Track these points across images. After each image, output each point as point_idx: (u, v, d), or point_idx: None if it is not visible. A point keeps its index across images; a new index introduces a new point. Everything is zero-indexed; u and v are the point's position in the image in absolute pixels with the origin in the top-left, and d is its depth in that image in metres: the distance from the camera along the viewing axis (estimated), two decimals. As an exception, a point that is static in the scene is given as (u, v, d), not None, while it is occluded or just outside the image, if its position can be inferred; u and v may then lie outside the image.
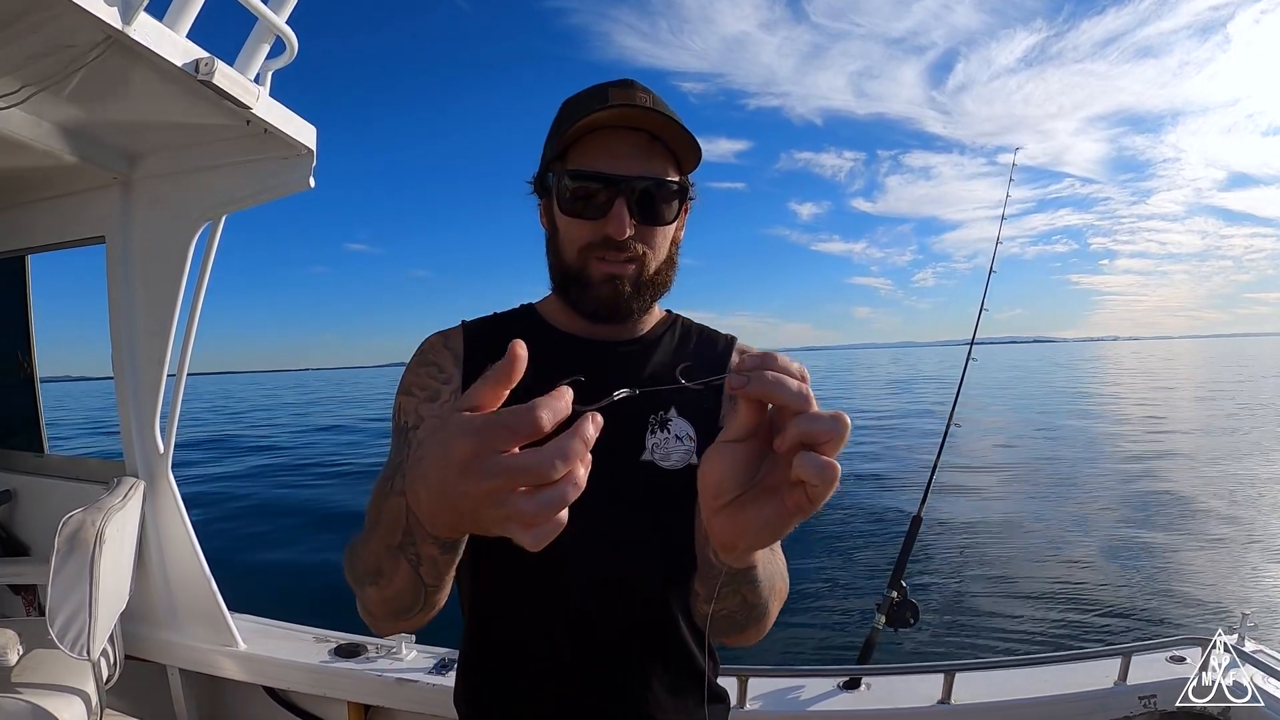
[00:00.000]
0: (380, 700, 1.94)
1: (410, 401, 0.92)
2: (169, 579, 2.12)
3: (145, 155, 1.97)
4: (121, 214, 2.00)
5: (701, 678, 0.96)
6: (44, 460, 2.50)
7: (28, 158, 1.86)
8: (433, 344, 0.98)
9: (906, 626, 1.89)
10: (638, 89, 0.88)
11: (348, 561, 0.81)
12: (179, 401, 2.01)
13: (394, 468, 0.87)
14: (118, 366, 2.02)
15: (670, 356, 0.99)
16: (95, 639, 1.69)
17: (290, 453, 17.77)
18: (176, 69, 1.37)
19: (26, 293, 2.42)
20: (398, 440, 0.91)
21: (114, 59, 1.37)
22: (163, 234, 1.96)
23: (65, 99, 1.63)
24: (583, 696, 0.90)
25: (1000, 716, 1.79)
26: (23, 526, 2.45)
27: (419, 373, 0.95)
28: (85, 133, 1.84)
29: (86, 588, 1.65)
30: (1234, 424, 20.23)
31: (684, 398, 0.94)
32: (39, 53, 1.40)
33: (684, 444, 0.91)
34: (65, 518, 1.66)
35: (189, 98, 1.56)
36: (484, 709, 0.96)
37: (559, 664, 0.89)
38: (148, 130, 1.85)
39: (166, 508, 2.06)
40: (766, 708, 1.76)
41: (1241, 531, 8.54)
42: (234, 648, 2.08)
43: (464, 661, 1.00)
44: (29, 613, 2.42)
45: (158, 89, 1.53)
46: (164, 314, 1.94)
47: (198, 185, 1.90)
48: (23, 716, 1.60)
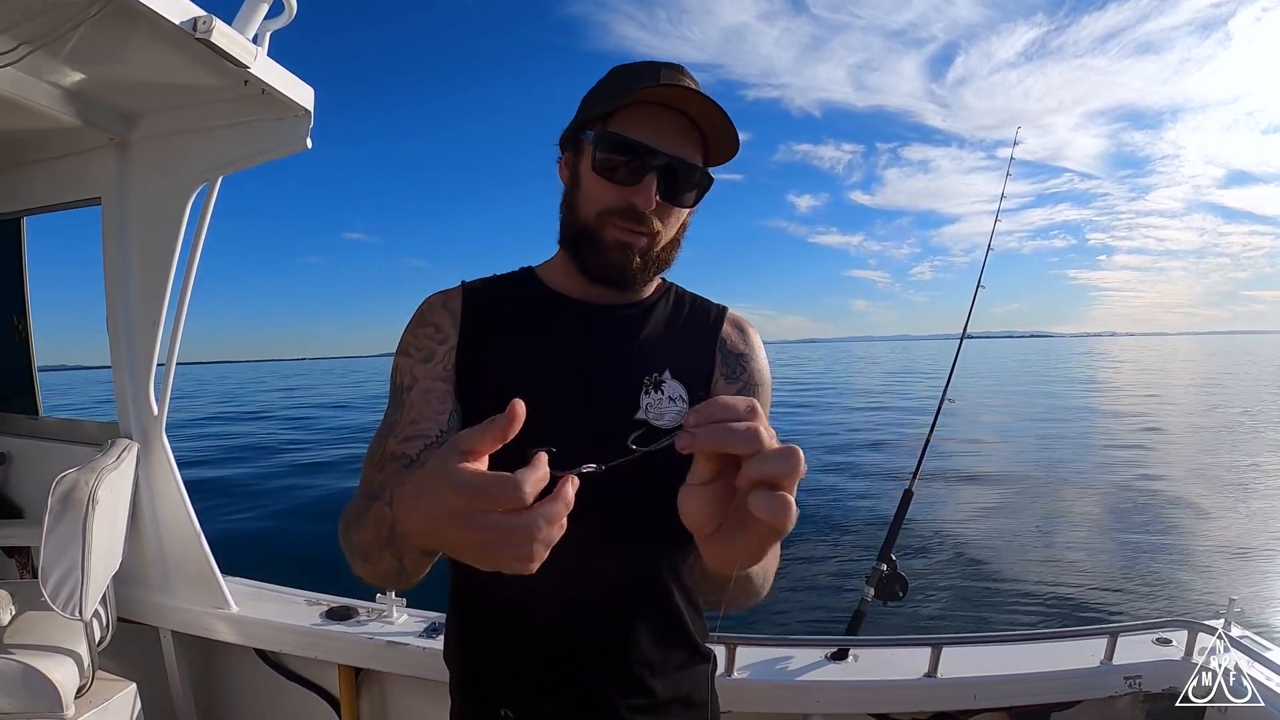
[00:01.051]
0: (371, 663, 1.95)
1: (407, 362, 0.95)
2: (161, 541, 2.13)
3: (142, 116, 1.96)
4: (118, 175, 1.99)
5: (688, 636, 0.98)
6: (38, 423, 2.50)
7: (23, 119, 1.85)
8: (431, 304, 0.99)
9: (895, 599, 1.91)
10: (688, 75, 0.92)
11: (342, 531, 0.84)
12: (173, 363, 2.01)
13: (389, 426, 0.91)
14: (112, 327, 2.02)
15: (664, 324, 1.01)
16: (87, 600, 1.70)
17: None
18: (175, 27, 1.36)
19: (22, 256, 2.42)
20: (394, 399, 0.94)
21: (112, 17, 1.37)
22: (159, 195, 1.95)
23: (62, 59, 1.63)
24: (569, 651, 0.91)
25: (986, 691, 1.81)
26: (16, 489, 2.46)
27: (417, 333, 0.97)
28: (82, 93, 1.83)
29: (79, 548, 1.66)
30: (1225, 416, 20.47)
31: (679, 358, 0.96)
32: (37, 9, 1.39)
33: (677, 404, 0.93)
34: (59, 478, 1.67)
35: (186, 57, 1.55)
36: (472, 663, 0.98)
37: (547, 620, 0.90)
38: (145, 91, 1.84)
39: (160, 469, 2.07)
40: (754, 676, 1.78)
41: (1232, 519, 8.71)
42: (226, 610, 2.09)
43: (452, 618, 1.02)
44: (22, 575, 2.43)
45: (155, 48, 1.53)
46: (160, 275, 1.94)
47: (195, 146, 1.89)
48: (14, 677, 1.61)
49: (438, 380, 0.93)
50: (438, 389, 0.93)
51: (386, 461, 0.89)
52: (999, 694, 1.82)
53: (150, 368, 2.01)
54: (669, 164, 0.87)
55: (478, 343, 0.96)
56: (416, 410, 0.91)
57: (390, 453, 0.89)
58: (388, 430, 0.91)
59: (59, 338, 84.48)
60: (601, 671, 0.93)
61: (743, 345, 1.04)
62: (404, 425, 0.90)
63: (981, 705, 1.83)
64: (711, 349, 1.02)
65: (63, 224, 2.42)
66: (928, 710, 1.85)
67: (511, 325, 0.97)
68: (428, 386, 0.93)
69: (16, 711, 1.61)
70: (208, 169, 1.88)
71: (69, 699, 1.65)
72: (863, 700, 1.82)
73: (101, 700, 1.76)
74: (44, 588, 1.66)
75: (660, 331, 1.00)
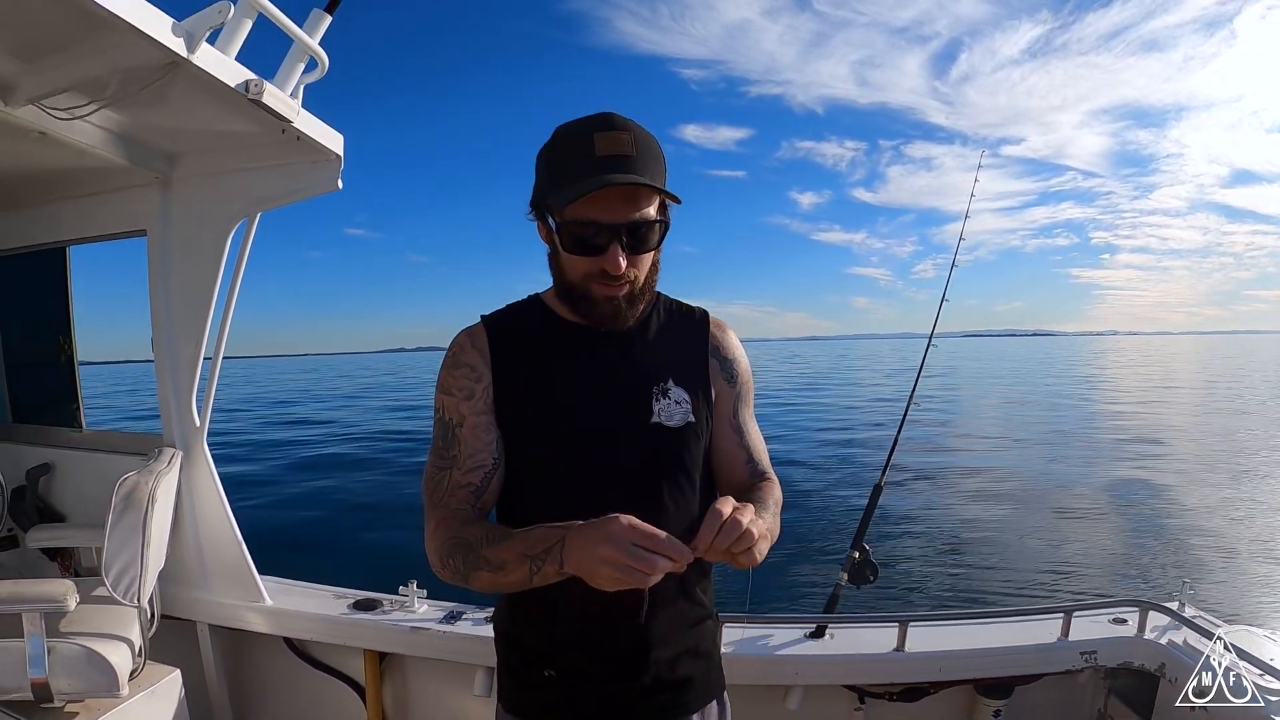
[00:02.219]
0: (396, 648, 2.15)
1: (451, 400, 1.15)
2: (201, 542, 2.32)
3: (184, 156, 2.15)
4: (161, 210, 2.19)
5: (696, 598, 1.22)
6: (82, 435, 2.70)
7: (74, 157, 2.03)
8: (462, 345, 1.18)
9: (866, 583, 2.09)
10: (620, 134, 1.01)
11: (446, 552, 1.06)
12: (215, 379, 2.21)
13: (449, 459, 1.13)
14: (157, 348, 2.22)
15: (660, 336, 1.22)
16: (144, 589, 1.91)
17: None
18: (229, 89, 1.56)
19: (67, 281, 2.62)
20: (443, 433, 1.15)
21: (174, 80, 1.56)
22: (201, 229, 2.14)
23: (118, 109, 1.81)
24: (600, 617, 1.11)
25: (950, 664, 1.98)
26: (59, 497, 2.65)
27: (455, 374, 1.16)
28: (130, 137, 2.01)
29: (139, 542, 1.86)
30: (1209, 413, 20.83)
31: (678, 366, 1.19)
32: (107, 73, 1.58)
33: (682, 407, 1.16)
34: (122, 479, 1.87)
35: (230, 108, 1.73)
36: (522, 633, 1.21)
37: (582, 593, 1.01)
38: (188, 136, 2.03)
39: (201, 476, 2.27)
40: (738, 652, 1.96)
41: (1193, 506, 9.13)
42: (261, 603, 2.28)
43: (504, 597, 1.24)
44: (65, 575, 2.61)
45: (206, 103, 1.71)
46: (201, 301, 2.14)
47: (234, 185, 2.09)
48: (79, 659, 1.78)
49: (481, 415, 1.13)
50: (482, 423, 1.13)
51: (456, 489, 1.11)
52: (962, 667, 1.99)
53: (193, 384, 2.21)
54: (627, 227, 1.03)
55: (507, 375, 1.15)
56: (470, 446, 1.12)
57: (458, 483, 1.12)
58: (448, 463, 1.13)
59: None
60: (627, 633, 1.14)
61: (732, 350, 1.26)
62: (464, 459, 1.12)
63: (947, 677, 2.00)
64: (703, 353, 1.23)
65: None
66: (899, 682, 2.02)
67: (534, 355, 1.16)
68: (475, 422, 1.13)
69: (79, 691, 1.79)
70: (246, 206, 2.08)
71: (124, 680, 1.82)
72: (838, 673, 2.01)
73: (149, 684, 1.95)
74: (106, 577, 1.85)
75: (659, 344, 1.20)
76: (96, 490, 2.45)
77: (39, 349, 2.80)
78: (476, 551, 1.02)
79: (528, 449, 1.14)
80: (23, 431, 2.78)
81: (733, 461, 1.24)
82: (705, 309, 1.28)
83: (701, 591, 1.23)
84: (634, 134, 1.02)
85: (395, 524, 8.44)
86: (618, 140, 1.01)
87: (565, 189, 1.02)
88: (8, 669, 1.73)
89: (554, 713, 1.18)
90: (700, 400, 1.18)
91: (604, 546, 0.88)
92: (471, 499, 1.11)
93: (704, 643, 1.24)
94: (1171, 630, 1.98)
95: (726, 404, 1.24)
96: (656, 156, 1.05)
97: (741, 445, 1.25)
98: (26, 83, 1.64)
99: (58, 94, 1.66)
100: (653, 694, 1.17)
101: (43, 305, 2.74)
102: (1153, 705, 1.93)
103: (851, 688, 2.05)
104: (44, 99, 1.68)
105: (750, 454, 1.25)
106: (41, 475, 2.60)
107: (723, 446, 1.24)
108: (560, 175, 1.04)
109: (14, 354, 2.84)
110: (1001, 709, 2.04)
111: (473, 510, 1.11)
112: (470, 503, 1.11)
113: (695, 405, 1.17)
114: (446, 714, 2.26)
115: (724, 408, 1.24)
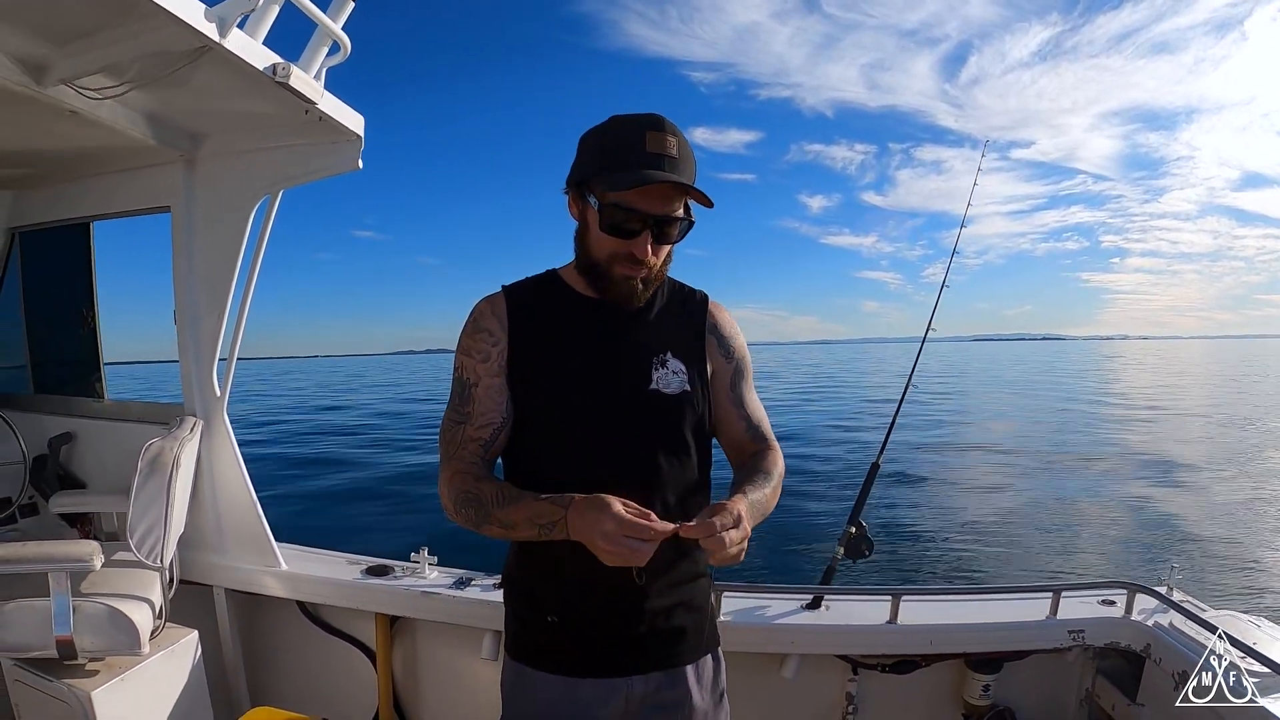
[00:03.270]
0: (406, 611, 2.23)
1: (469, 361, 1.26)
2: (219, 508, 2.39)
3: (209, 136, 2.22)
4: (185, 187, 2.26)
5: (690, 556, 1.30)
6: (103, 405, 2.77)
7: (101, 135, 2.09)
8: (482, 311, 1.28)
9: (862, 557, 2.15)
10: (668, 136, 1.14)
11: (459, 497, 1.18)
12: (235, 353, 2.28)
13: (463, 415, 1.24)
14: (180, 320, 2.29)
15: (663, 313, 1.32)
16: (167, 550, 1.97)
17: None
18: (258, 72, 1.62)
19: (90, 255, 2.71)
20: (460, 390, 1.26)
21: (204, 62, 1.62)
22: (224, 206, 2.21)
23: (146, 90, 1.86)
24: (600, 571, 1.14)
25: (941, 638, 2.04)
26: (80, 465, 2.72)
27: (474, 338, 1.26)
28: (157, 116, 2.07)
29: (163, 505, 1.93)
30: (1201, 409, 20.97)
31: (677, 341, 1.30)
32: (138, 56, 1.64)
33: (679, 376, 1.27)
34: (148, 443, 1.95)
35: (255, 90, 1.78)
36: (529, 584, 1.31)
37: (585, 550, 1.09)
38: (213, 116, 2.10)
39: (221, 445, 2.34)
40: (738, 620, 2.03)
41: (1181, 495, 9.27)
42: (276, 568, 2.36)
43: (514, 553, 1.34)
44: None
45: (233, 85, 1.77)
46: (224, 275, 2.21)
47: (257, 163, 2.15)
48: (102, 617, 1.84)
49: (494, 377, 1.25)
50: (496, 384, 1.25)
51: (467, 442, 1.23)
52: (953, 641, 2.06)
53: (214, 355, 2.28)
54: (659, 219, 1.15)
55: (522, 342, 1.25)
56: (483, 404, 1.24)
57: (470, 437, 1.24)
58: (462, 418, 1.25)
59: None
60: (625, 586, 1.22)
61: (728, 329, 1.37)
62: (476, 416, 1.24)
63: (938, 650, 2.06)
64: (701, 331, 1.34)
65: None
66: (891, 654, 2.09)
67: (548, 324, 1.26)
68: (489, 384, 1.24)
69: (102, 649, 1.85)
70: (268, 184, 2.14)
71: (145, 639, 1.89)
72: (833, 643, 2.08)
73: (169, 644, 2.02)
74: (130, 538, 1.92)
75: (661, 321, 1.30)
76: (117, 459, 2.53)
77: (63, 321, 2.89)
78: (487, 511, 1.15)
79: (539, 411, 1.24)
80: (45, 402, 2.86)
81: (734, 430, 1.35)
82: (705, 292, 1.38)
83: (696, 550, 1.30)
84: (678, 139, 1.15)
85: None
86: (665, 142, 1.13)
87: (615, 174, 1.13)
88: (34, 627, 1.79)
89: (555, 657, 1.27)
90: (696, 373, 1.29)
91: (599, 539, 1.02)
92: (481, 451, 1.24)
93: (698, 598, 1.33)
94: (1159, 613, 2.03)
95: (724, 377, 1.35)
96: (692, 161, 1.16)
97: (741, 415, 1.35)
98: (60, 65, 1.70)
99: (89, 75, 1.73)
100: (647, 642, 1.27)
101: (67, 279, 2.81)
102: (1138, 685, 1.98)
103: (845, 658, 2.12)
104: (76, 80, 1.74)
105: (749, 422, 1.35)
106: (63, 444, 2.68)
107: (724, 416, 1.34)
108: (611, 161, 1.15)
109: (38, 326, 2.92)
110: (991, 684, 2.10)
111: (482, 462, 1.23)
112: (480, 455, 1.23)
113: (691, 377, 1.28)
114: (454, 677, 2.33)
115: (722, 381, 1.35)
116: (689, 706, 1.29)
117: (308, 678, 2.51)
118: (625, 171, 1.12)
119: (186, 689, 2.04)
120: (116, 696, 1.83)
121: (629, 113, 1.16)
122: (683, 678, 1.29)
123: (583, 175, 1.20)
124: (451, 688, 2.35)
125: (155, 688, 1.97)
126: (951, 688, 2.19)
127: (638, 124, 1.14)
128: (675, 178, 1.12)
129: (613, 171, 1.13)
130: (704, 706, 1.31)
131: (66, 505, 2.56)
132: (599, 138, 1.18)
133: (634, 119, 1.15)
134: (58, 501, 2.54)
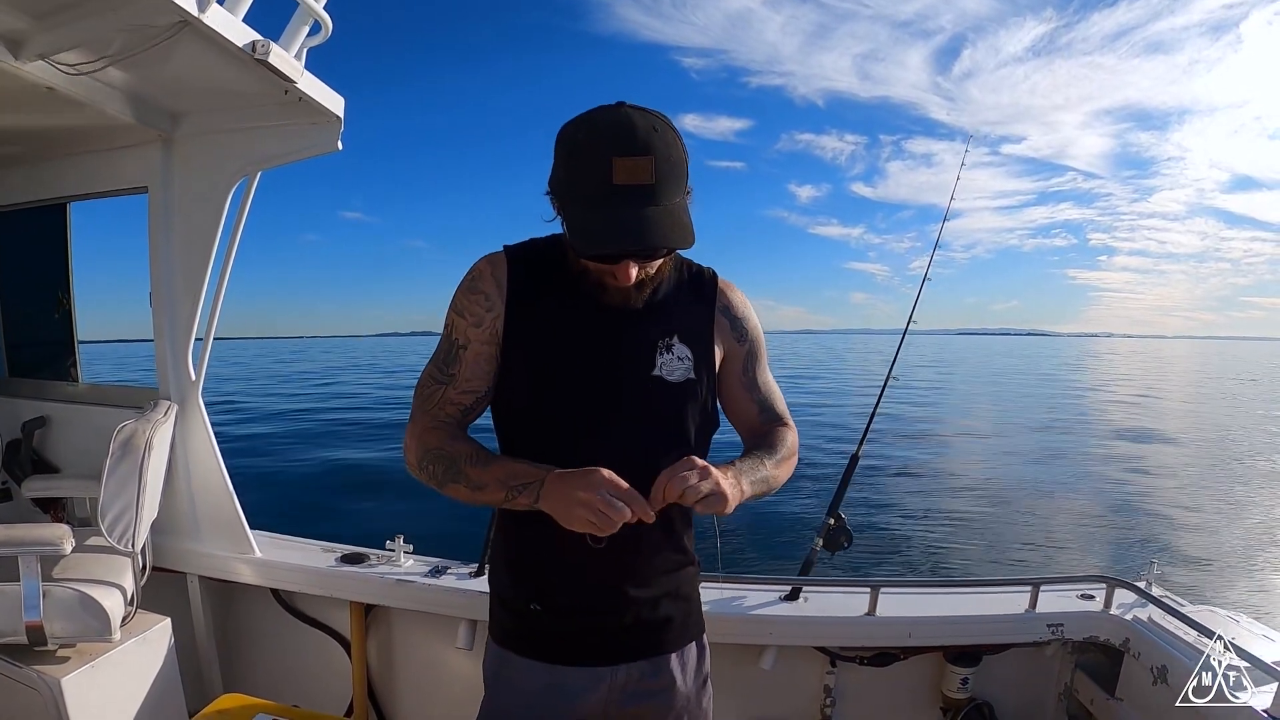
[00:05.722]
0: (381, 599, 2.21)
1: (462, 322, 1.19)
2: (193, 494, 2.36)
3: (187, 115, 2.18)
4: (163, 167, 2.23)
5: (679, 543, 1.29)
6: (77, 389, 2.73)
7: (78, 114, 2.05)
8: (482, 272, 1.19)
9: (840, 549, 2.14)
10: (640, 159, 0.97)
11: (425, 457, 1.16)
12: (211, 334, 2.26)
13: (446, 375, 1.19)
14: (156, 302, 2.27)
15: (670, 292, 1.23)
16: (139, 534, 1.95)
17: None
18: (237, 48, 1.59)
19: (67, 237, 2.66)
20: (448, 348, 1.20)
21: (183, 38, 1.58)
22: (201, 186, 2.18)
23: (124, 66, 1.82)
24: (585, 559, 1.17)
25: (920, 630, 2.04)
26: (54, 450, 2.68)
27: (470, 298, 1.19)
28: (134, 94, 2.03)
29: (135, 488, 1.90)
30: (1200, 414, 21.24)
31: (685, 323, 1.22)
32: (116, 30, 1.60)
33: (684, 363, 1.20)
34: (120, 425, 1.91)
35: (235, 68, 1.75)
36: (512, 572, 1.27)
37: (569, 536, 1.07)
38: (192, 94, 2.06)
39: (196, 429, 2.31)
40: (716, 610, 2.01)
41: (1161, 491, 9.42)
42: (250, 555, 2.33)
43: (499, 538, 1.31)
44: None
45: (208, 60, 1.73)
46: (201, 257, 2.18)
47: (235, 144, 2.12)
48: (73, 603, 1.81)
49: (485, 344, 1.18)
50: (485, 352, 1.18)
51: (446, 404, 1.19)
52: (932, 634, 2.05)
53: (189, 339, 2.25)
54: (640, 253, 1.05)
55: (519, 310, 1.17)
56: (469, 370, 1.19)
57: (450, 399, 1.19)
58: (445, 379, 1.19)
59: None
60: (612, 574, 1.21)
61: (741, 310, 1.30)
62: (460, 381, 1.19)
63: (917, 643, 2.05)
64: (711, 312, 1.26)
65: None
66: (870, 646, 2.09)
67: (548, 295, 1.17)
68: (478, 350, 1.18)
69: (72, 634, 1.82)
70: (246, 165, 2.12)
71: (117, 625, 1.86)
72: (811, 635, 2.08)
73: (141, 631, 1.99)
74: (101, 522, 1.89)
75: (668, 302, 1.21)
76: (91, 443, 2.48)
77: (38, 304, 2.84)
78: (458, 467, 1.11)
79: (532, 389, 1.17)
80: (19, 385, 2.81)
81: (747, 413, 1.31)
82: (714, 269, 1.31)
83: (685, 539, 1.30)
84: (655, 154, 0.98)
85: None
86: (636, 169, 0.97)
87: (579, 216, 1.03)
88: (3, 612, 1.75)
89: (539, 644, 1.25)
90: (703, 359, 1.22)
91: (583, 490, 0.99)
92: (459, 415, 1.20)
93: (684, 586, 1.31)
94: (1138, 608, 2.03)
95: (737, 361, 1.29)
96: (678, 170, 1.02)
97: (754, 400, 1.31)
98: (37, 39, 1.66)
99: (67, 50, 1.69)
100: (633, 631, 1.24)
101: (43, 261, 2.77)
102: (1117, 679, 1.99)
103: (824, 650, 2.11)
104: (53, 55, 1.71)
105: (762, 406, 1.31)
106: (37, 428, 2.64)
107: (736, 401, 1.30)
108: (575, 192, 1.04)
109: (12, 309, 2.87)
110: (969, 677, 2.10)
111: (457, 426, 1.19)
112: (457, 419, 1.19)
113: (697, 363, 1.21)
114: (428, 665, 2.32)
115: (734, 365, 1.29)
116: (672, 693, 1.28)
117: (282, 666, 2.49)
118: (590, 212, 1.00)
119: (158, 676, 2.01)
120: (87, 683, 1.80)
121: (606, 116, 1.01)
122: (666, 665, 1.28)
123: (554, 191, 1.09)
124: (426, 676, 2.33)
125: (126, 675, 1.94)
126: (930, 681, 2.19)
127: (607, 146, 0.98)
128: (637, 246, 1.00)
129: (579, 204, 1.03)
130: (687, 692, 1.30)
131: (39, 490, 2.52)
132: (567, 154, 1.04)
133: (605, 136, 0.99)
134: (30, 486, 2.50)
